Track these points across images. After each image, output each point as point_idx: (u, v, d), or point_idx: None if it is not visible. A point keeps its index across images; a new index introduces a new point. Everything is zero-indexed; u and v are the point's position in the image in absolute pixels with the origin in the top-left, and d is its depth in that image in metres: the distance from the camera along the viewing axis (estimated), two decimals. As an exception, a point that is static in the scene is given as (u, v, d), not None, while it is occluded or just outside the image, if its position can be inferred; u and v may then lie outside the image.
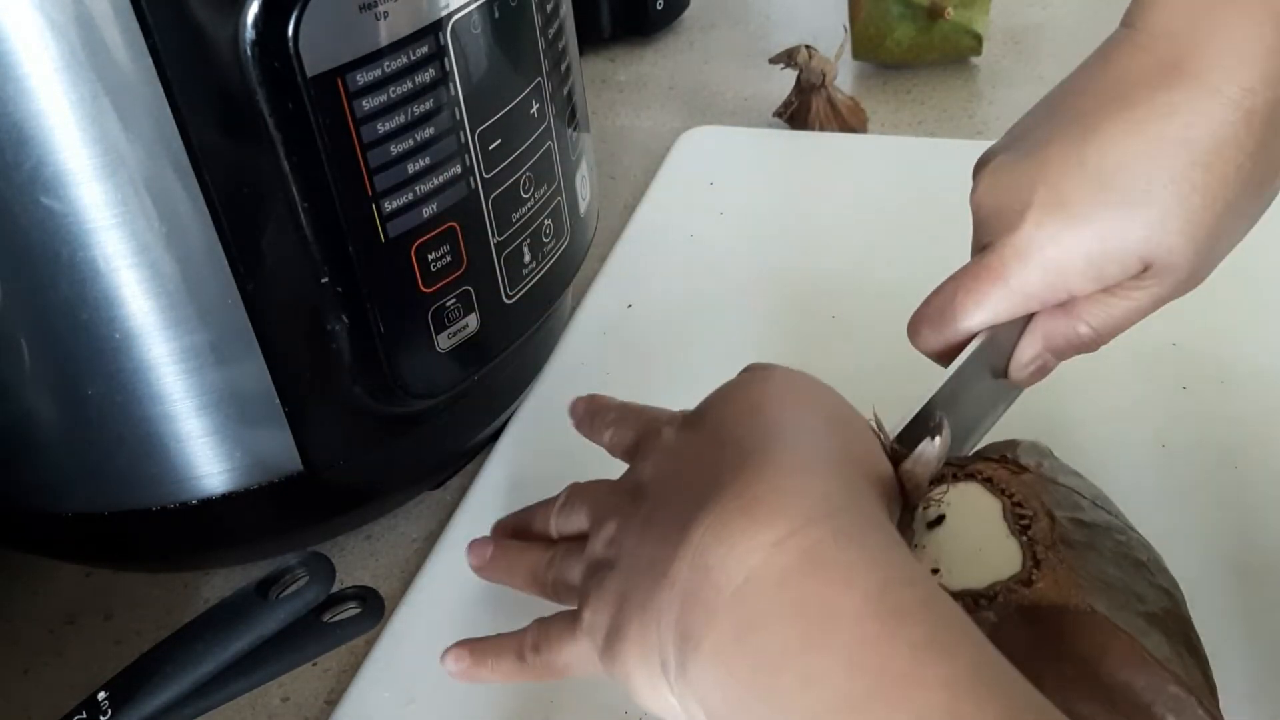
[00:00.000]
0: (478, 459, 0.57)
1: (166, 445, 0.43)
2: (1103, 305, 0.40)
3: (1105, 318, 0.40)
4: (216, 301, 0.41)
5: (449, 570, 0.51)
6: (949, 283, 0.41)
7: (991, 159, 0.41)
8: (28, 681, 0.50)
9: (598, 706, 0.44)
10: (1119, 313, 0.40)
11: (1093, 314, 0.40)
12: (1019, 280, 0.39)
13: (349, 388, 0.45)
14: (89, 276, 0.39)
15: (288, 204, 0.40)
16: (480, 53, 0.43)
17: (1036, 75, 0.83)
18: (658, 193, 0.74)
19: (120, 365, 0.41)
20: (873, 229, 0.68)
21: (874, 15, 0.82)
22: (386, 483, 0.52)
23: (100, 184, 0.38)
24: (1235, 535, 0.47)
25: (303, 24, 0.37)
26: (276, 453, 0.45)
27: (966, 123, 0.79)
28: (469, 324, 0.47)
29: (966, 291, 0.40)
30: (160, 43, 0.36)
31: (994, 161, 0.41)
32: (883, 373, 0.59)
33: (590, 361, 0.61)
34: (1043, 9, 0.92)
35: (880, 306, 0.62)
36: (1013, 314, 0.40)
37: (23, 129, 0.36)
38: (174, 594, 0.53)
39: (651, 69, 0.92)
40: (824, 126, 0.78)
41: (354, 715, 0.46)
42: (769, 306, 0.63)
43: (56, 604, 0.53)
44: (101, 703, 0.38)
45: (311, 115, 0.39)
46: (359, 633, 0.41)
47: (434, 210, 0.43)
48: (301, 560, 0.40)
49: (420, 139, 0.42)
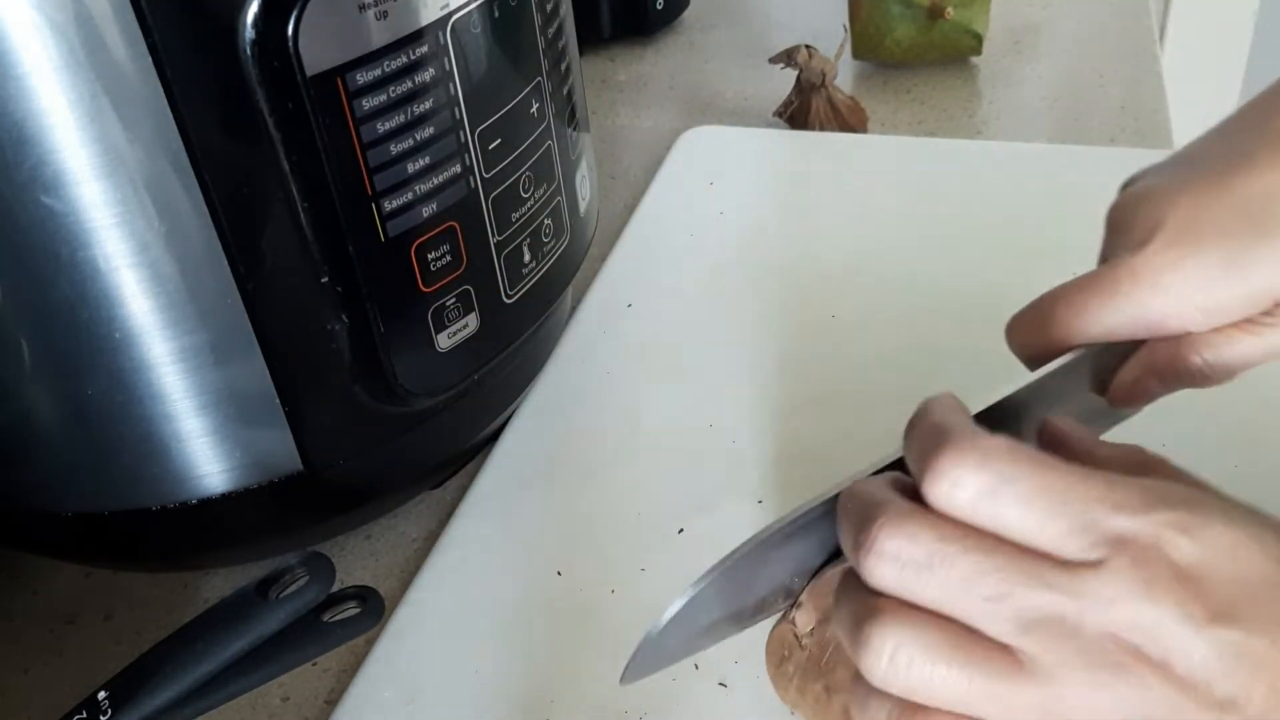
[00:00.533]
0: (478, 459, 0.57)
1: (166, 445, 0.43)
2: (1225, 339, 0.36)
3: (1224, 352, 0.36)
4: (216, 301, 0.41)
5: (449, 570, 0.51)
6: (1057, 289, 0.38)
7: (1142, 177, 0.38)
8: (28, 681, 0.50)
9: (598, 706, 0.44)
10: (1242, 349, 0.36)
11: (1210, 346, 0.36)
12: (1130, 302, 0.35)
13: (349, 388, 0.45)
14: (89, 276, 0.39)
15: (288, 204, 0.40)
16: (480, 52, 0.43)
17: (1036, 75, 0.83)
18: (658, 193, 0.74)
19: (120, 365, 0.41)
20: (873, 229, 0.68)
21: (874, 15, 0.82)
22: (386, 483, 0.52)
23: (100, 184, 0.38)
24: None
25: (303, 24, 0.37)
26: (276, 452, 0.45)
27: (966, 123, 0.79)
28: (469, 324, 0.47)
29: (1069, 303, 0.37)
30: (160, 42, 0.36)
31: (1141, 180, 0.38)
32: (883, 372, 0.59)
33: (590, 361, 0.61)
34: (1043, 9, 0.92)
35: (880, 306, 0.63)
36: (1115, 337, 0.37)
37: (23, 129, 0.36)
38: (174, 594, 0.53)
39: (651, 69, 0.92)
40: (824, 126, 0.78)
41: (354, 715, 0.46)
42: (769, 306, 0.63)
43: (56, 604, 0.53)
44: (101, 703, 0.38)
45: (311, 115, 0.39)
46: (359, 632, 0.41)
47: (434, 210, 0.43)
48: (301, 560, 0.40)
49: (420, 138, 0.42)
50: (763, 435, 0.55)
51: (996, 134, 0.78)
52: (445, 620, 0.49)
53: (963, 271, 0.63)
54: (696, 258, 0.68)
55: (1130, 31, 0.87)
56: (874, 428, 0.39)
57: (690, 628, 0.35)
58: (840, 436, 0.54)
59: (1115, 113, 0.78)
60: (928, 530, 0.30)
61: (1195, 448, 0.51)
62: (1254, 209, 0.34)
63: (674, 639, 0.35)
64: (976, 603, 0.29)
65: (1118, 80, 0.81)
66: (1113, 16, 0.89)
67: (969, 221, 0.67)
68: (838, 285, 0.63)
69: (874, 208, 0.69)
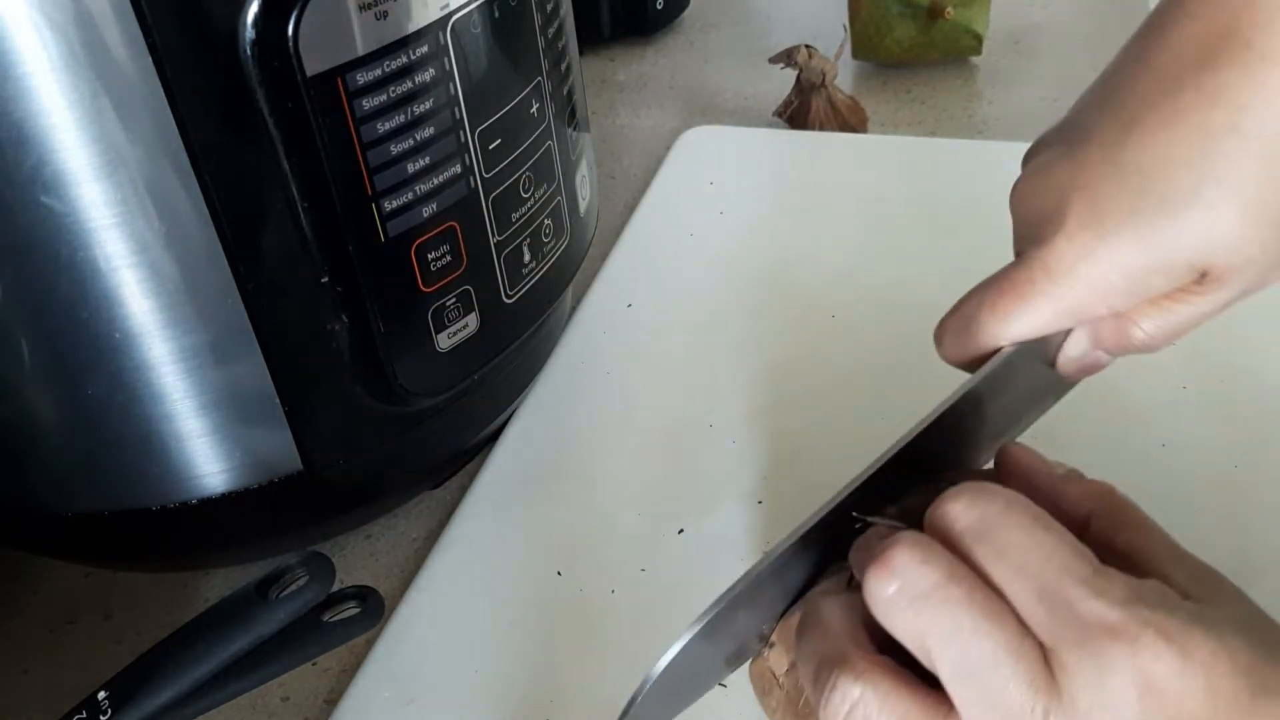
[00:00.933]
0: (478, 459, 0.57)
1: (166, 445, 0.43)
2: (1160, 310, 0.35)
3: (1162, 323, 0.35)
4: (216, 301, 0.41)
5: (449, 570, 0.51)
6: (975, 292, 0.37)
7: (1038, 152, 0.37)
8: (28, 681, 0.50)
9: (598, 706, 0.44)
10: (1179, 318, 0.35)
11: (1148, 319, 0.35)
12: (1048, 299, 0.35)
13: (349, 388, 0.45)
14: (89, 276, 0.39)
15: (288, 204, 0.40)
16: (480, 52, 0.43)
17: (1036, 75, 0.83)
18: (658, 193, 0.74)
19: (120, 365, 0.41)
20: (873, 229, 0.68)
21: (874, 15, 0.82)
22: (386, 483, 0.52)
23: (100, 184, 0.38)
24: (1235, 535, 0.47)
25: (303, 24, 0.37)
26: (276, 452, 0.45)
27: (966, 123, 0.79)
28: (469, 324, 0.47)
29: (991, 307, 0.36)
30: (160, 42, 0.36)
31: (1037, 158, 0.37)
32: (882, 372, 0.59)
33: (590, 361, 0.61)
34: (1043, 9, 0.92)
35: (880, 306, 0.63)
36: (1042, 332, 0.36)
37: (23, 129, 0.36)
38: (174, 594, 0.53)
39: (651, 69, 0.92)
40: (824, 126, 0.78)
41: (354, 715, 0.46)
42: (769, 306, 0.63)
43: (56, 604, 0.53)
44: (101, 703, 0.38)
45: (311, 115, 0.39)
46: (359, 632, 0.41)
47: (434, 210, 0.43)
48: (301, 560, 0.40)
49: (420, 139, 0.42)
50: (763, 435, 0.55)
51: (996, 134, 0.78)
52: (445, 620, 0.49)
53: (962, 271, 0.63)
54: (696, 258, 0.68)
55: (1130, 31, 0.86)
56: (874, 427, 0.39)
57: (679, 678, 0.35)
58: (840, 436, 0.54)
59: (1115, 113, 0.78)
60: (942, 561, 0.30)
61: (1195, 448, 0.52)
62: (1151, 179, 0.33)
63: (664, 692, 0.35)
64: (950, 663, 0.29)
65: (1118, 80, 0.81)
66: (1113, 16, 0.89)
67: (969, 221, 0.67)
68: (838, 285, 0.63)
69: (874, 208, 0.69)
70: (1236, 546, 0.46)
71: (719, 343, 0.61)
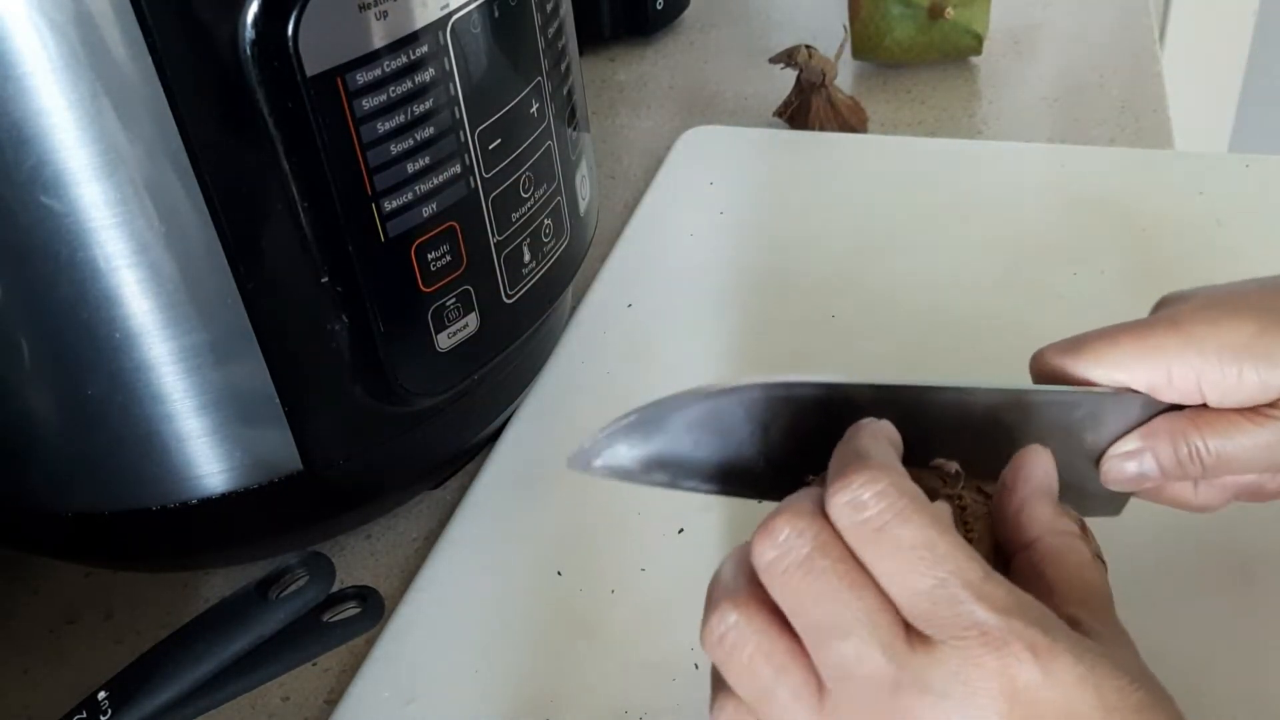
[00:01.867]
0: (478, 459, 0.57)
1: (166, 445, 0.43)
2: (1228, 422, 0.37)
3: (1228, 444, 0.37)
4: (216, 301, 0.41)
5: (449, 570, 0.51)
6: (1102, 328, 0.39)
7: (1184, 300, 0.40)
8: (28, 681, 0.50)
9: (598, 706, 0.44)
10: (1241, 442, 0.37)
11: (1216, 430, 0.37)
12: (1158, 351, 0.37)
13: (349, 387, 0.45)
14: (89, 276, 0.39)
15: (287, 204, 0.40)
16: (480, 52, 0.43)
17: (1036, 75, 0.83)
18: (658, 193, 0.74)
19: (120, 365, 0.41)
20: (873, 229, 0.68)
21: (874, 15, 0.82)
22: (386, 482, 0.52)
23: (100, 184, 0.38)
24: (1235, 535, 0.47)
25: (302, 24, 0.37)
26: (276, 452, 0.45)
27: (966, 123, 0.79)
28: (469, 324, 0.47)
29: (1103, 334, 0.38)
30: (160, 43, 0.36)
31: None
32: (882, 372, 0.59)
33: (590, 361, 0.61)
34: (1043, 9, 0.92)
35: (879, 306, 0.63)
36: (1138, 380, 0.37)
37: (23, 129, 0.36)
38: (174, 594, 0.53)
39: (651, 69, 0.92)
40: (824, 126, 0.78)
41: (354, 715, 0.46)
42: (769, 306, 0.63)
43: (56, 604, 0.53)
44: (101, 703, 0.38)
45: (311, 115, 0.39)
46: (359, 632, 0.41)
47: (434, 210, 0.43)
48: (301, 560, 0.40)
49: (420, 139, 0.42)
50: (763, 435, 0.55)
51: (996, 134, 0.78)
52: (445, 620, 0.49)
53: (962, 271, 0.63)
54: (696, 258, 0.68)
55: (1130, 31, 0.87)
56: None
57: (713, 425, 0.37)
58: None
59: (1115, 113, 0.78)
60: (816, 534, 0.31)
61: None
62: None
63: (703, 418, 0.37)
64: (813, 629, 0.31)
65: (1118, 80, 0.81)
66: (1113, 16, 0.89)
67: (969, 221, 0.67)
68: (837, 285, 0.63)
69: (874, 208, 0.69)
70: (1236, 546, 0.47)
71: (719, 342, 0.61)
